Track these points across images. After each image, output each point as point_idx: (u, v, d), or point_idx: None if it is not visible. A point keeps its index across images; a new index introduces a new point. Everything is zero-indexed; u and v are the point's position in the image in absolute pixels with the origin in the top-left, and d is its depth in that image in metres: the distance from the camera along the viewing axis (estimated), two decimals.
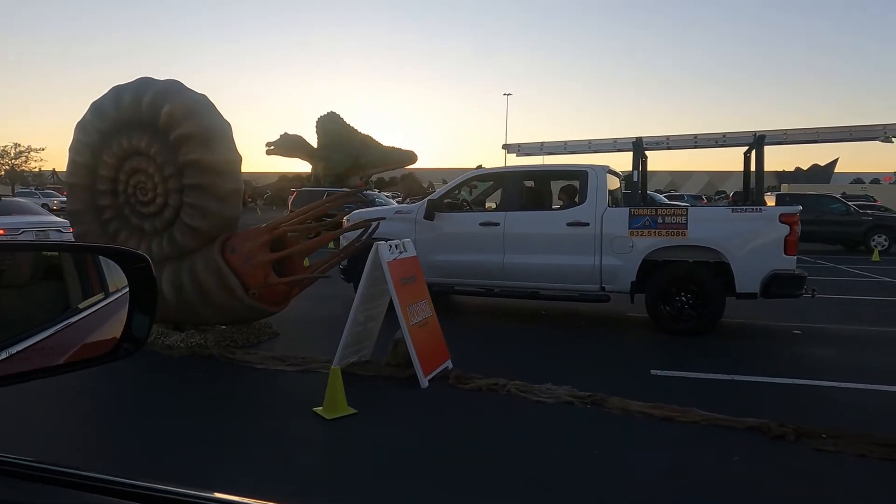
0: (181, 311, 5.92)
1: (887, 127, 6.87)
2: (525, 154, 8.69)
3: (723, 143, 7.44)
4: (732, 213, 6.51)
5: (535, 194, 7.75)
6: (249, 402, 4.30)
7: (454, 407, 4.21)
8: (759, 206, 6.53)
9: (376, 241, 5.07)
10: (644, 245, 6.49)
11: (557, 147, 8.52)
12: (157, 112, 5.82)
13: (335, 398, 3.97)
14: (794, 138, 7.25)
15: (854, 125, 7.17)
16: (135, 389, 4.59)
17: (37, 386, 3.98)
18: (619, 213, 6.66)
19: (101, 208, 6.24)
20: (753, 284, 6.19)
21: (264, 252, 5.58)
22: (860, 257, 15.59)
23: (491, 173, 8.25)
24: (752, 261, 6.18)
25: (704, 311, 6.34)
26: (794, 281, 6.24)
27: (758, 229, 6.25)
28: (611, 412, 4.07)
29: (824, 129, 7.27)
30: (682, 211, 6.49)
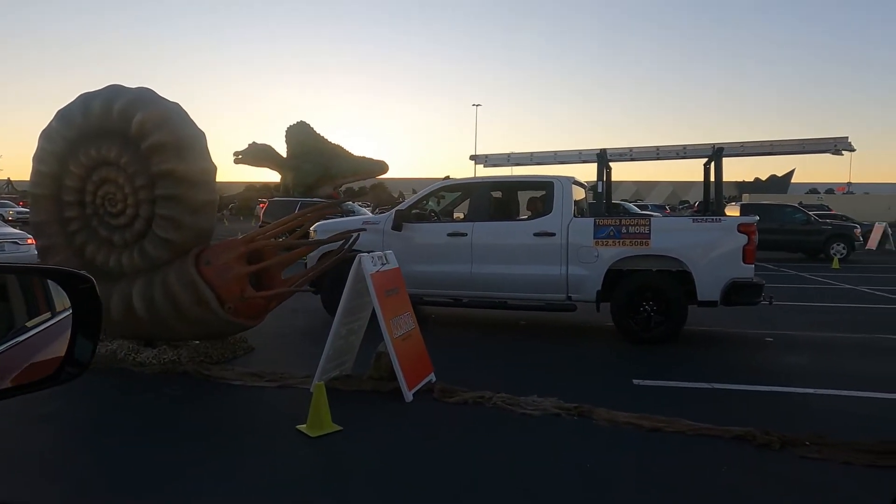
0: (153, 326, 5.72)
1: (837, 140, 7.20)
2: (492, 165, 8.82)
3: (684, 154, 7.66)
4: (693, 224, 6.69)
5: (503, 205, 7.86)
6: (230, 421, 4.16)
7: (440, 421, 4.14)
8: (719, 217, 6.70)
9: (357, 252, 5.00)
10: (609, 255, 6.60)
11: (524, 158, 8.65)
12: (129, 120, 5.64)
13: (320, 415, 3.87)
14: (750, 150, 7.53)
15: (807, 138, 7.46)
16: (106, 411, 4.39)
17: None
18: (585, 223, 6.77)
19: (67, 220, 6.00)
20: (714, 292, 6.35)
21: (241, 264, 5.44)
22: (821, 265, 16.09)
23: (458, 184, 8.31)
24: (712, 269, 6.34)
25: (668, 319, 6.47)
26: (752, 289, 6.41)
27: (717, 239, 6.42)
28: (598, 423, 4.06)
29: (778, 142, 7.55)
30: (645, 221, 6.63)
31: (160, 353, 5.59)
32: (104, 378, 5.09)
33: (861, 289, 11.61)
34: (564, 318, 7.78)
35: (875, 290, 11.30)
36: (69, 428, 4.07)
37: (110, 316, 5.77)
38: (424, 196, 7.77)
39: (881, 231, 20.64)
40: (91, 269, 5.94)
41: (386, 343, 4.60)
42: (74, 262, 6.02)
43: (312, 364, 5.36)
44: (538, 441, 3.81)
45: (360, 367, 5.10)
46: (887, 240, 20.68)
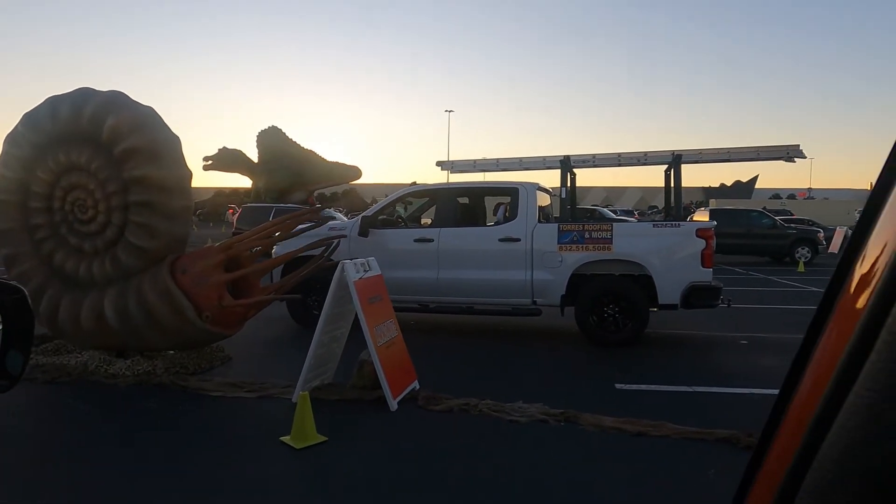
0: (126, 336, 5.55)
1: (790, 148, 7.44)
2: (459, 171, 8.90)
3: (645, 161, 7.83)
4: (654, 228, 6.85)
5: (469, 211, 7.94)
6: (211, 434, 4.04)
7: (427, 430, 4.10)
8: (678, 222, 6.86)
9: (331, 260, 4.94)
10: (573, 259, 6.70)
11: (490, 164, 8.75)
12: (100, 125, 5.47)
13: (304, 426, 3.79)
14: (708, 157, 7.73)
15: (762, 146, 7.68)
16: (80, 427, 4.22)
17: None
18: (549, 228, 6.86)
19: (33, 227, 5.79)
20: (674, 296, 6.49)
21: (218, 272, 5.32)
22: (786, 269, 16.52)
23: (425, 190, 8.37)
24: (672, 273, 6.47)
25: (630, 323, 6.58)
26: (711, 292, 6.56)
27: (677, 244, 6.56)
28: (585, 429, 4.07)
29: (735, 149, 7.78)
30: (607, 226, 6.75)
31: (134, 365, 5.42)
32: (75, 391, 4.91)
33: None
34: (542, 322, 7.81)
35: None
36: (40, 445, 3.90)
37: (80, 326, 5.58)
38: (391, 202, 7.79)
39: (842, 235, 21.29)
40: (60, 277, 5.76)
41: (370, 351, 4.54)
42: (42, 271, 5.82)
43: (292, 373, 5.28)
44: (526, 448, 3.80)
45: (340, 375, 5.03)
46: (846, 242, 21.31)
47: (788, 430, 0.56)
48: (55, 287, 5.75)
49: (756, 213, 18.77)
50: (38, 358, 5.67)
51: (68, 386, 5.07)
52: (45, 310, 5.72)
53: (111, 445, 3.84)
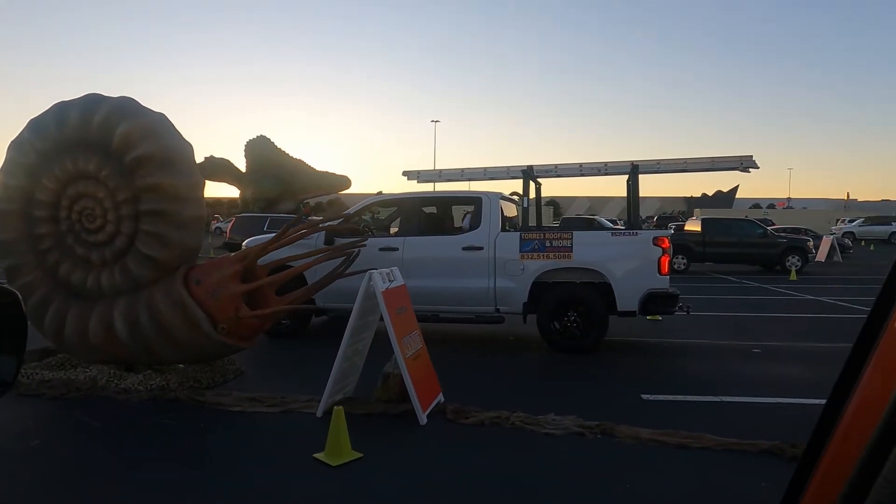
0: (136, 350, 5.36)
1: (743, 159, 7.57)
2: (425, 181, 8.93)
3: (605, 171, 7.91)
4: (612, 237, 6.94)
5: (433, 219, 8.02)
6: (237, 451, 3.88)
7: (463, 445, 3.98)
8: (636, 231, 6.94)
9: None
10: (534, 268, 6.78)
11: (455, 174, 8.82)
12: (111, 132, 5.31)
13: (339, 443, 3.66)
14: (665, 168, 7.81)
15: (717, 156, 7.78)
16: (96, 445, 4.03)
17: None
18: (511, 237, 6.92)
19: (38, 237, 5.59)
20: (632, 303, 6.60)
21: (235, 283, 5.17)
22: (778, 277, 16.67)
23: (391, 199, 8.44)
24: (630, 281, 6.57)
25: (590, 329, 6.66)
26: (668, 299, 6.69)
27: (635, 252, 6.66)
28: (623, 441, 3.99)
29: (692, 159, 7.86)
30: (567, 235, 6.83)
31: (146, 379, 5.23)
32: (86, 408, 4.71)
33: (822, 299, 12.05)
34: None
35: (836, 301, 11.73)
36: (55, 464, 3.70)
37: (88, 340, 5.38)
38: (357, 211, 7.85)
39: (829, 244, 21.62)
40: (66, 289, 5.56)
41: (399, 363, 4.42)
42: (46, 283, 5.61)
43: (310, 386, 5.16)
44: (566, 463, 3.70)
45: (361, 388, 4.89)
46: (835, 252, 21.66)
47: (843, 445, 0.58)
48: (60, 299, 5.55)
49: (747, 223, 18.97)
50: (44, 373, 5.45)
51: (78, 402, 4.87)
52: (51, 323, 5.51)
53: (132, 465, 3.66)
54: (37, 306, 5.62)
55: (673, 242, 18.22)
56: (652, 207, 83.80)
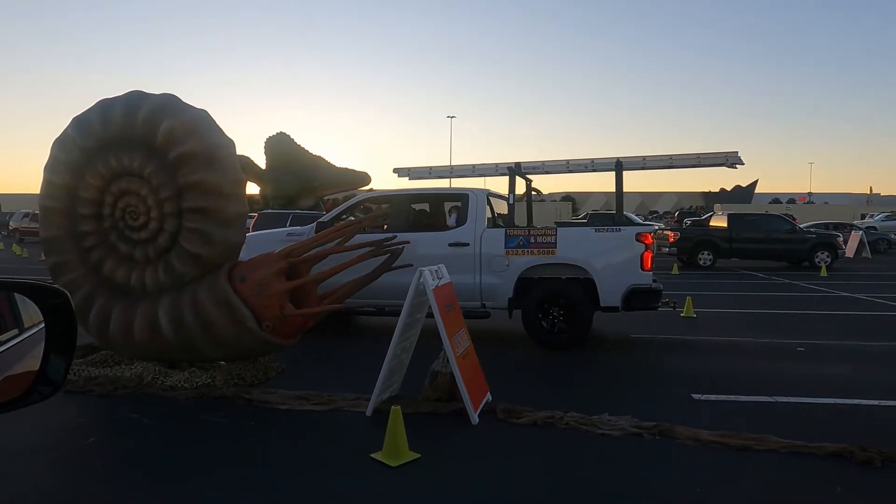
0: (180, 348, 5.36)
1: (728, 155, 7.52)
2: (416, 177, 8.98)
3: (592, 168, 7.88)
4: (596, 233, 6.89)
5: (422, 216, 8.13)
6: (293, 451, 3.84)
7: (520, 446, 3.91)
8: (619, 227, 6.92)
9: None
10: (519, 263, 6.84)
11: (444, 171, 8.91)
12: (154, 129, 5.30)
13: (397, 443, 3.61)
14: (651, 164, 7.77)
15: (702, 153, 7.72)
16: (151, 443, 4.02)
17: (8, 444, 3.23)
18: (496, 233, 6.97)
19: (82, 234, 5.61)
20: (615, 298, 6.64)
21: (280, 281, 5.14)
22: (807, 273, 16.40)
23: (380, 196, 8.66)
24: (613, 276, 6.63)
25: (574, 325, 6.71)
26: (651, 294, 6.73)
27: (617, 248, 6.70)
28: (682, 443, 3.90)
29: (678, 156, 7.80)
30: (551, 231, 6.87)
31: (192, 377, 5.22)
32: (134, 405, 4.72)
33: (858, 296, 11.81)
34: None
35: (873, 298, 11.49)
36: (114, 462, 3.70)
37: (133, 337, 5.40)
38: (348, 208, 7.94)
39: (857, 239, 21.25)
40: (110, 286, 5.57)
41: (450, 362, 4.36)
42: (90, 280, 5.63)
43: (354, 383, 5.13)
44: (629, 465, 3.62)
45: (406, 386, 4.84)
46: (864, 247, 21.29)
47: None
48: (105, 296, 5.56)
49: (775, 218, 18.69)
50: (90, 370, 5.47)
51: (125, 399, 4.87)
52: (95, 320, 5.53)
53: (190, 463, 3.64)
54: (81, 303, 5.64)
55: (699, 238, 18.13)
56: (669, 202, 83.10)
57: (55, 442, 3.98)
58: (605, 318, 8.03)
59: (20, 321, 1.28)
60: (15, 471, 3.53)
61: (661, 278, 14.61)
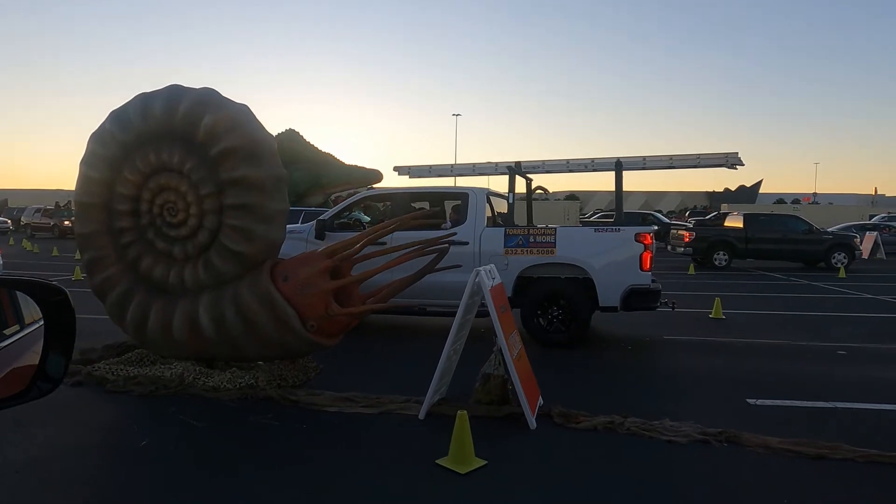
0: (220, 347, 5.25)
1: (728, 155, 7.49)
2: (416, 176, 8.93)
3: (592, 167, 7.77)
4: (595, 233, 6.90)
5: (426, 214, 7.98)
6: (353, 455, 3.73)
7: (587, 453, 3.79)
8: (618, 227, 6.88)
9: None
10: (518, 263, 6.85)
11: (445, 170, 8.88)
12: (196, 123, 5.18)
13: (464, 448, 3.50)
14: (651, 165, 7.72)
15: (702, 153, 7.68)
16: (206, 446, 3.90)
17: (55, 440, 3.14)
18: (496, 232, 6.99)
19: (119, 230, 5.50)
20: (614, 298, 6.65)
21: (325, 280, 5.02)
22: (826, 274, 16.27)
23: (381, 194, 8.66)
24: (612, 276, 6.64)
25: (573, 324, 6.72)
26: (650, 295, 6.73)
27: (617, 248, 6.71)
28: (753, 451, 3.79)
29: (678, 156, 7.77)
30: (551, 231, 6.88)
31: (234, 377, 5.11)
32: (181, 405, 4.61)
33: (883, 298, 11.69)
34: (615, 330, 7.57)
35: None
36: (175, 466, 3.58)
37: (172, 336, 5.29)
38: (348, 206, 7.91)
39: (872, 240, 21.11)
40: (147, 283, 5.46)
41: (507, 364, 4.25)
42: (127, 277, 5.52)
43: (398, 385, 5.05)
44: (704, 476, 3.50)
45: (454, 388, 4.73)
46: (878, 249, 21.15)
47: None
48: (143, 294, 5.45)
49: (791, 218, 18.57)
50: (128, 369, 5.37)
51: (168, 400, 4.77)
52: (133, 317, 5.42)
53: (251, 466, 3.53)
54: (118, 300, 5.54)
55: (714, 238, 17.98)
56: (673, 202, 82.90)
57: (107, 443, 3.88)
58: (633, 320, 7.96)
59: (21, 318, 1.30)
60: (67, 468, 3.43)
61: (676, 278, 14.66)
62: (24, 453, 3.64)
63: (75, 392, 4.97)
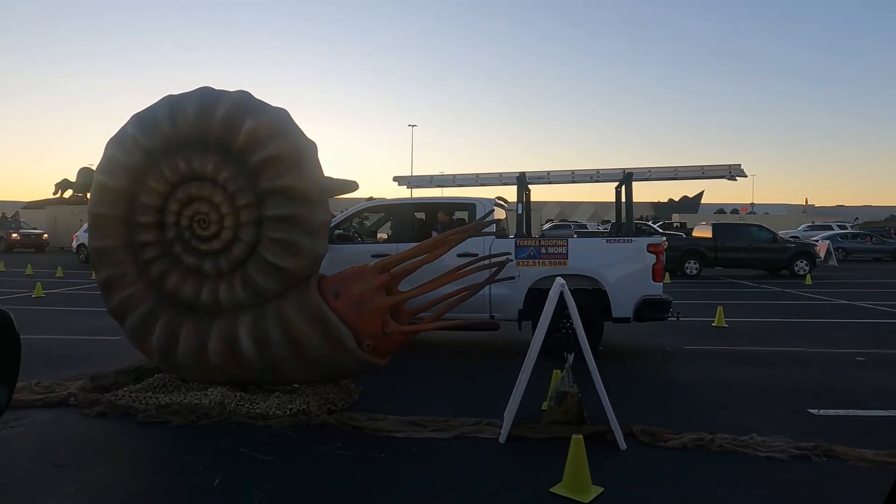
0: (262, 370, 4.87)
1: (732, 167, 7.80)
2: (415, 186, 8.88)
3: (597, 178, 7.89)
4: (607, 244, 6.94)
5: (426, 225, 7.92)
6: (452, 485, 3.45)
7: (696, 473, 3.64)
8: (631, 238, 6.95)
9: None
10: (530, 274, 6.74)
11: (446, 180, 8.80)
12: (235, 129, 4.81)
13: (581, 475, 3.29)
14: (657, 175, 8.02)
15: (706, 165, 7.97)
16: (291, 482, 3.53)
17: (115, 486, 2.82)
18: (506, 243, 6.84)
19: (141, 245, 5.04)
20: (627, 309, 6.66)
21: (381, 296, 4.72)
22: (793, 281, 16.89)
23: (381, 205, 8.45)
24: (625, 287, 6.61)
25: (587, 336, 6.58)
26: (662, 305, 6.73)
27: (629, 259, 6.70)
28: (854, 464, 3.73)
29: (682, 167, 8.07)
30: (563, 242, 6.88)
31: (283, 403, 4.72)
32: (225, 435, 4.19)
33: (859, 304, 12.18)
34: (622, 340, 7.53)
35: (877, 306, 11.86)
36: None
37: (206, 360, 4.86)
38: (348, 217, 7.74)
39: (825, 248, 22.15)
40: (174, 303, 5.01)
41: (595, 381, 4.07)
42: (151, 296, 5.05)
43: (450, 405, 4.86)
44: (825, 494, 3.42)
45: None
46: (830, 256, 22.21)
47: None
48: (170, 314, 5.00)
49: (756, 227, 19.24)
50: (158, 397, 4.88)
51: (210, 430, 4.34)
52: (160, 340, 4.96)
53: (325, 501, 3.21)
54: (140, 322, 5.06)
55: (686, 248, 18.45)
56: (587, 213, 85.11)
57: (176, 485, 3.45)
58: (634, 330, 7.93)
59: None
60: None
61: None
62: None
63: (102, 424, 4.48)
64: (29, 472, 3.57)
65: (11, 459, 3.77)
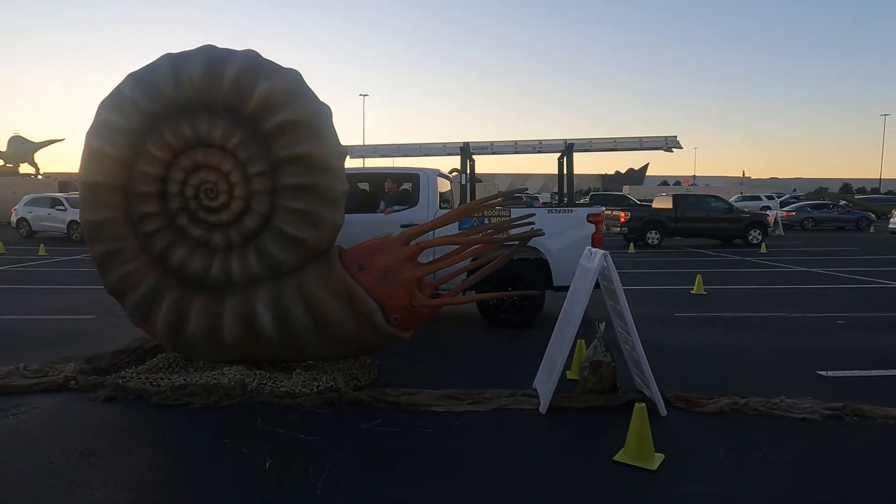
0: (282, 347, 4.65)
1: (668, 139, 8.11)
2: (359, 156, 8.78)
3: (539, 149, 8.03)
4: (549, 214, 7.04)
5: (370, 197, 7.82)
6: (511, 458, 3.39)
7: (743, 436, 3.71)
8: (571, 208, 7.14)
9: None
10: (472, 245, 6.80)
11: (391, 150, 8.77)
12: (247, 92, 4.49)
13: (645, 443, 3.29)
14: (598, 146, 8.23)
15: (644, 136, 8.23)
16: (341, 464, 3.37)
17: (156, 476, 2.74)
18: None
19: (141, 217, 4.69)
20: (568, 278, 6.61)
21: (409, 268, 4.56)
22: (748, 250, 17.61)
23: None
24: (565, 257, 6.71)
25: (529, 305, 6.83)
26: None
27: (569, 228, 6.87)
28: (884, 423, 3.89)
29: (622, 139, 8.31)
30: (505, 213, 6.92)
31: (310, 380, 4.53)
32: (253, 416, 3.99)
33: (816, 270, 12.79)
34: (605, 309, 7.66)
35: (835, 272, 12.45)
36: (330, 489, 3.06)
37: (221, 338, 4.60)
38: None
39: (773, 217, 23.19)
40: (181, 279, 4.70)
41: (637, 350, 4.07)
42: (154, 272, 4.73)
43: (478, 377, 4.81)
44: (863, 451, 3.55)
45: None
46: (778, 226, 23.30)
47: None
48: (177, 290, 4.69)
49: (713, 198, 19.87)
50: (171, 377, 4.60)
51: (232, 411, 4.12)
52: (167, 319, 4.65)
53: (403, 484, 3.10)
54: (143, 300, 4.74)
55: (647, 218, 18.90)
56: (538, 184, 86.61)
57: (223, 470, 3.24)
58: None
59: None
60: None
61: (618, 257, 15.21)
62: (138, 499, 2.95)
63: (112, 409, 4.19)
64: (54, 462, 3.28)
65: (30, 448, 3.46)
